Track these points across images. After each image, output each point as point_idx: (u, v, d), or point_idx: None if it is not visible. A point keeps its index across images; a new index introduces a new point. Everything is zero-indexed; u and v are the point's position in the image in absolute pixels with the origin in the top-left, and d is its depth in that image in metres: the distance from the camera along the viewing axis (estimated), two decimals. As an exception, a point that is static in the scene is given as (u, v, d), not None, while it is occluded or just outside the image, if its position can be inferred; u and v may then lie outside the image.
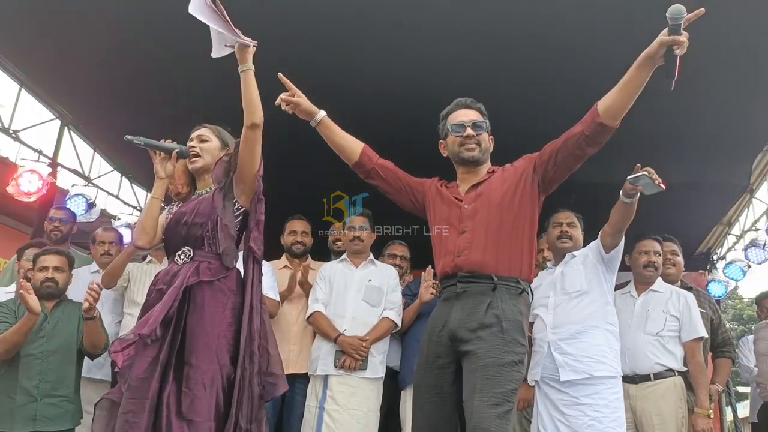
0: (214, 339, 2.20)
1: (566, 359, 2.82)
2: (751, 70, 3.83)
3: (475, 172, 2.39)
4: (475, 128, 2.35)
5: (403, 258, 3.93)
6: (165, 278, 2.30)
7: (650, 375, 3.22)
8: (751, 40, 3.57)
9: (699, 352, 3.27)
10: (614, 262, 3.00)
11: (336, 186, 4.78)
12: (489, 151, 2.41)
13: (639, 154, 2.74)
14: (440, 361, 2.18)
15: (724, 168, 5.13)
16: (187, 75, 4.06)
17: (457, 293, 2.19)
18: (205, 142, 2.47)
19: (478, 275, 2.17)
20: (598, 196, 3.00)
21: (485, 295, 2.13)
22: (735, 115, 4.32)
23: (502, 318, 2.07)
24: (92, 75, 4.31)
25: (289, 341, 3.64)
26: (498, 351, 2.03)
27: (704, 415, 3.17)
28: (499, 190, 2.28)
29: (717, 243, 7.21)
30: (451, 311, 2.18)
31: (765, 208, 5.77)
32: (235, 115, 2.35)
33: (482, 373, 2.01)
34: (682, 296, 3.35)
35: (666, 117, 4.12)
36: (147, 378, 2.09)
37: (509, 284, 2.17)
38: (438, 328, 2.21)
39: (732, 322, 21.59)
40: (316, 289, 3.51)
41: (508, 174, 2.32)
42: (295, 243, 3.88)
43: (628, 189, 2.65)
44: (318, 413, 3.25)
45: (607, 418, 2.72)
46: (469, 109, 2.40)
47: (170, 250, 2.42)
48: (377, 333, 3.35)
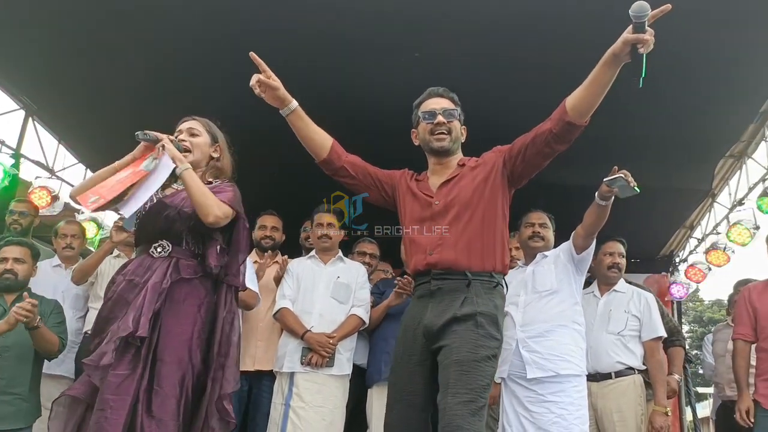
0: (187, 337, 2.16)
1: (534, 357, 2.87)
2: (713, 77, 3.94)
3: (446, 163, 2.36)
4: (446, 115, 2.32)
5: (372, 256, 3.94)
6: (138, 270, 2.22)
7: (611, 373, 3.30)
8: (713, 47, 3.67)
9: (658, 351, 3.37)
10: (585, 263, 3.06)
11: (336, 186, 4.76)
12: (460, 140, 2.39)
13: (604, 158, 2.80)
14: (415, 358, 2.17)
15: (687, 173, 5.26)
16: (154, 65, 4.01)
17: (431, 291, 2.18)
18: (196, 136, 2.40)
19: (452, 272, 2.16)
20: (564, 198, 3.05)
21: (460, 291, 2.13)
22: (697, 122, 4.44)
23: (476, 312, 2.07)
24: (58, 65, 4.22)
25: (256, 337, 3.63)
26: (472, 345, 2.03)
27: (662, 412, 3.27)
28: (469, 185, 2.26)
29: (679, 246, 7.38)
30: (426, 308, 2.17)
31: (725, 212, 5.92)
32: (202, 109, 2.32)
33: (456, 368, 2.00)
34: (643, 297, 3.45)
35: (630, 122, 4.21)
36: (130, 375, 2.05)
37: (483, 279, 2.16)
38: (413, 325, 2.20)
39: (693, 324, 22.19)
40: (284, 285, 3.50)
41: (479, 169, 2.30)
42: (264, 237, 3.89)
43: (604, 191, 2.68)
44: (284, 410, 3.23)
45: (572, 416, 2.78)
46: (441, 98, 2.38)
47: (144, 239, 2.32)
48: (344, 330, 3.35)
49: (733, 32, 3.56)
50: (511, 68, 3.72)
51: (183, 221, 2.26)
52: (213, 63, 3.88)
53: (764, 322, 3.28)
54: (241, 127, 2.65)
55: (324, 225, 3.57)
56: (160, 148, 2.24)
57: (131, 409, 2.01)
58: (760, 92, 4.32)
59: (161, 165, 2.23)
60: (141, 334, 2.05)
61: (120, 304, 2.17)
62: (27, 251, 3.12)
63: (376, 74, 3.89)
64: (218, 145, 2.44)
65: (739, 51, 3.71)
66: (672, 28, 3.45)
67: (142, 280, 2.18)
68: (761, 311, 3.31)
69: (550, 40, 3.54)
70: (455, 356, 2.02)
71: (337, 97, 3.87)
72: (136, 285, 2.18)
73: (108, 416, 1.98)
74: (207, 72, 3.99)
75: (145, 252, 2.28)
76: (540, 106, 2.25)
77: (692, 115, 4.35)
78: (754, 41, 3.63)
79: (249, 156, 2.63)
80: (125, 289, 2.19)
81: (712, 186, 5.77)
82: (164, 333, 2.13)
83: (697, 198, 6.03)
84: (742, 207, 5.49)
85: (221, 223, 2.22)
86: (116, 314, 2.16)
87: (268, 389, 3.49)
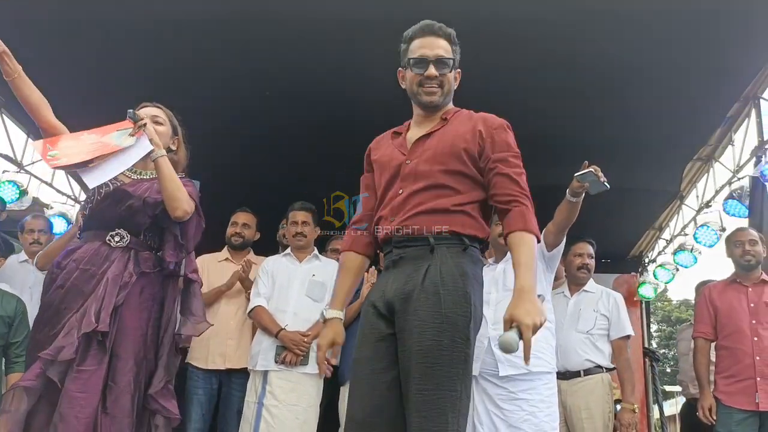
0: (143, 332, 2.14)
1: (506, 354, 2.88)
2: (681, 83, 4.03)
3: (430, 117, 2.05)
4: (438, 66, 1.97)
5: (346, 254, 3.93)
6: (94, 259, 2.15)
7: (580, 371, 3.36)
8: (681, 53, 3.75)
9: (626, 349, 3.44)
10: (555, 260, 3.09)
11: (336, 186, 4.75)
12: (452, 92, 2.06)
13: (574, 159, 2.84)
14: (378, 333, 1.89)
15: (656, 175, 5.36)
16: (126, 56, 3.95)
17: (393, 261, 1.92)
18: (159, 125, 2.33)
19: (415, 238, 1.89)
20: (537, 197, 3.09)
21: (422, 260, 1.85)
22: (666, 126, 4.54)
23: (439, 285, 1.79)
24: (26, 58, 4.13)
25: (227, 336, 3.60)
26: (435, 331, 1.75)
27: (630, 409, 3.34)
28: (447, 143, 1.96)
29: (648, 247, 7.52)
30: (389, 280, 1.91)
31: (693, 214, 6.06)
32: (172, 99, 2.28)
33: (419, 360, 1.74)
34: (611, 296, 3.53)
35: (601, 125, 4.30)
36: (96, 371, 2.01)
37: (450, 242, 1.87)
38: (376, 299, 1.93)
39: (661, 323, 22.64)
40: (259, 283, 3.48)
41: (463, 129, 1.98)
42: (234, 234, 3.85)
43: (575, 187, 2.73)
44: (257, 408, 3.22)
45: (543, 413, 2.80)
46: (436, 38, 1.99)
47: (98, 225, 2.22)
48: (319, 328, 3.33)
49: (701, 39, 3.65)
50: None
51: (145, 212, 2.21)
52: (196, 56, 3.83)
53: (725, 320, 3.38)
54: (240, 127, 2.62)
55: (299, 223, 3.55)
56: (141, 127, 2.17)
57: (98, 405, 1.98)
58: (727, 97, 4.44)
59: (139, 144, 2.15)
60: (102, 329, 2.01)
61: (73, 294, 2.10)
62: None
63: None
64: (177, 138, 2.41)
65: (706, 57, 3.80)
66: (640, 36, 3.54)
67: (99, 270, 2.12)
68: (721, 309, 3.41)
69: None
70: (417, 345, 1.76)
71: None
72: (92, 276, 2.11)
73: (78, 415, 1.94)
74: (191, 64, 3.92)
75: (100, 240, 2.19)
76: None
77: (661, 120, 4.44)
78: (721, 47, 3.73)
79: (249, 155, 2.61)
80: (80, 278, 2.12)
81: (680, 188, 5.90)
82: (121, 327, 2.10)
83: (665, 200, 6.16)
84: (708, 209, 5.62)
85: (186, 218, 2.19)
86: (70, 305, 2.09)
87: (238, 387, 3.47)
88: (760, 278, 3.43)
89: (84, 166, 2.13)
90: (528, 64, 3.55)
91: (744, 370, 3.25)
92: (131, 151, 2.15)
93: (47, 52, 3.64)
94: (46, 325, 2.12)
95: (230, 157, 4.54)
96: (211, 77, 3.95)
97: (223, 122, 3.91)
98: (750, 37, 3.66)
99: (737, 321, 3.34)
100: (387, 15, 3.48)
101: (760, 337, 3.28)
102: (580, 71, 3.87)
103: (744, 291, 3.41)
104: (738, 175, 5.01)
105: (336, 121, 2.48)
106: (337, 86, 3.92)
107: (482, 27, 3.49)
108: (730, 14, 3.48)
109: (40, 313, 2.18)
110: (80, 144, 2.16)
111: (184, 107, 2.51)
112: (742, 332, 3.31)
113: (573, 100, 4.07)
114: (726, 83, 4.14)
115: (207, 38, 3.62)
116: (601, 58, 3.80)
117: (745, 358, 3.26)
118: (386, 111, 4.07)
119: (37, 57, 2.97)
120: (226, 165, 4.47)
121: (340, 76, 3.93)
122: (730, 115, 4.75)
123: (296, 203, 3.61)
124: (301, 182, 4.73)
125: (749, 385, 3.21)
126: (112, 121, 2.26)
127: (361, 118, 3.97)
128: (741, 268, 3.47)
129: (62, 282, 2.14)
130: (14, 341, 3.04)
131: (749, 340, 3.28)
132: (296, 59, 3.65)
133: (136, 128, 2.17)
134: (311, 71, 3.65)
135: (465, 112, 2.06)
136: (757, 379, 3.20)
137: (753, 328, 3.30)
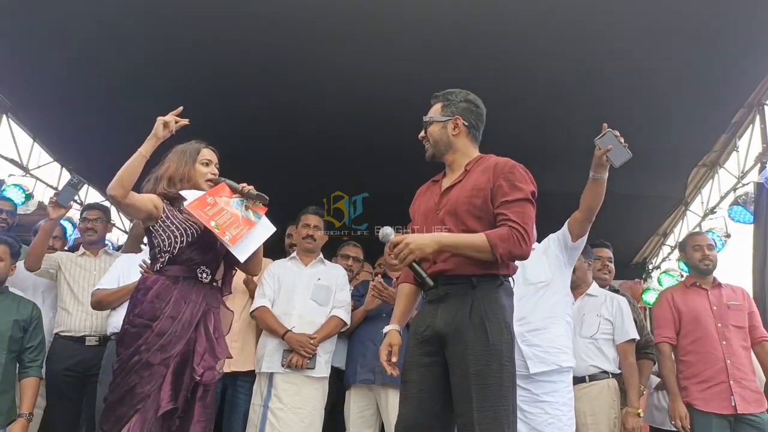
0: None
1: (534, 351, 2.81)
2: (686, 90, 4.04)
3: (451, 167, 2.36)
4: (424, 126, 2.38)
5: (355, 259, 3.97)
6: (196, 297, 2.38)
7: (585, 377, 3.33)
8: (685, 61, 3.76)
9: (631, 353, 3.42)
10: (577, 252, 3.01)
11: (336, 186, 4.76)
12: (447, 140, 2.33)
13: (579, 165, 2.84)
14: (421, 360, 2.18)
15: (661, 181, 5.38)
16: (129, 64, 3.99)
17: (440, 296, 2.19)
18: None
19: (458, 276, 2.17)
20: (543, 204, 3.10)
21: (466, 296, 2.14)
22: (671, 132, 4.55)
23: (485, 318, 2.09)
24: (33, 63, 4.17)
25: (231, 338, 3.58)
26: (485, 358, 2.04)
27: (634, 413, 3.31)
28: (465, 195, 2.23)
29: (653, 253, 7.52)
30: (437, 313, 2.18)
31: (698, 220, 6.05)
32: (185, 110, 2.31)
33: (475, 382, 2.02)
34: (615, 300, 3.51)
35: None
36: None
37: (488, 280, 2.16)
38: (422, 328, 2.21)
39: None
40: (264, 284, 3.48)
41: (480, 179, 2.23)
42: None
43: (597, 157, 2.62)
44: (262, 412, 3.23)
45: (565, 416, 2.77)
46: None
47: (188, 262, 2.40)
48: (326, 331, 3.35)
49: (705, 46, 3.66)
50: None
51: (221, 256, 2.49)
52: (195, 62, 3.87)
53: (691, 325, 3.36)
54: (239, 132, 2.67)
55: (311, 226, 3.59)
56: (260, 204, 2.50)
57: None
58: (732, 104, 4.45)
59: (266, 224, 2.51)
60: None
61: (186, 329, 2.32)
62: (6, 249, 3.06)
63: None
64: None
65: (710, 65, 3.81)
66: (645, 44, 3.55)
67: (201, 310, 2.38)
68: (686, 313, 3.40)
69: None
70: (472, 369, 2.04)
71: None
72: (195, 314, 2.35)
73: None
74: (187, 72, 3.97)
75: (192, 275, 2.40)
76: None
77: (666, 126, 4.45)
78: (725, 55, 3.74)
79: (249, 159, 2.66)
80: (193, 315, 2.35)
81: (685, 194, 5.90)
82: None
83: (670, 206, 6.16)
84: (713, 215, 5.62)
85: (114, 202, 2.34)
86: (175, 341, 2.29)
87: (243, 390, 3.47)
88: (715, 281, 3.48)
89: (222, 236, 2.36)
90: (536, 73, 3.57)
91: (717, 374, 3.23)
92: (262, 229, 2.49)
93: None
94: (143, 345, 2.29)
95: (230, 157, 4.56)
96: (151, 64, 3.97)
97: (223, 122, 3.94)
98: (754, 44, 3.68)
99: (705, 325, 3.33)
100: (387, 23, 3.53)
101: (728, 340, 3.28)
102: (584, 78, 3.89)
103: (704, 294, 3.44)
104: (743, 181, 5.02)
105: (335, 126, 2.52)
106: (336, 94, 3.94)
107: (481, 33, 3.52)
108: (734, 22, 3.50)
109: (134, 331, 2.33)
110: (225, 214, 2.40)
111: (185, 110, 2.53)
112: (710, 336, 3.30)
113: (577, 107, 4.09)
114: (730, 90, 4.16)
115: (216, 43, 3.66)
116: (606, 65, 3.81)
117: (717, 362, 3.25)
118: (386, 110, 4.13)
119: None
120: (226, 165, 4.50)
121: (340, 83, 3.97)
122: (734, 122, 4.76)
123: (310, 207, 3.67)
124: (301, 182, 4.73)
125: (724, 389, 3.20)
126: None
127: (358, 124, 4.02)
128: (699, 272, 3.51)
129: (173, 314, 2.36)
130: (29, 346, 3.04)
131: (718, 343, 3.28)
132: (297, 65, 3.67)
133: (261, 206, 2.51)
134: (312, 77, 3.66)
135: (485, 161, 2.30)
136: (730, 382, 3.19)
137: (720, 331, 3.31)
